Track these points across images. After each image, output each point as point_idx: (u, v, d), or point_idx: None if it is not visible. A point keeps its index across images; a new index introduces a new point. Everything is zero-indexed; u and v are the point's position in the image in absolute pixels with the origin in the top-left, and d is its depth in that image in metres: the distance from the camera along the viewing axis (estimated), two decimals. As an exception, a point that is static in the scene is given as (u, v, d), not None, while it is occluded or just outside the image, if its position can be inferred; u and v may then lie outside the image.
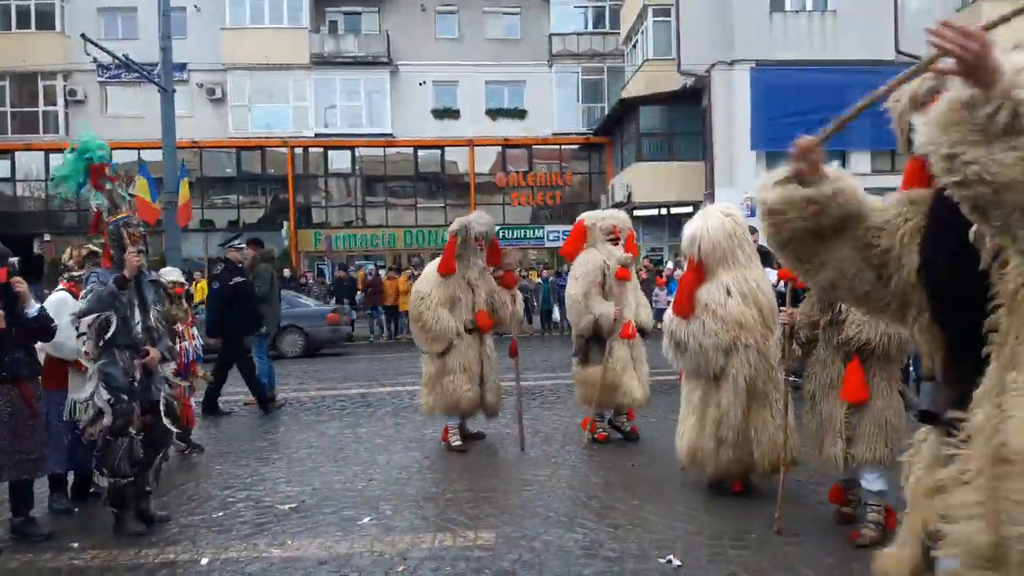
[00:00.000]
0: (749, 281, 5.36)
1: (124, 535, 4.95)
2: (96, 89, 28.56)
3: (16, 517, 4.95)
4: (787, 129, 24.70)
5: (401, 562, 4.35)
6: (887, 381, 4.56)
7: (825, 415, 4.66)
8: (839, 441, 4.56)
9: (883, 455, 4.50)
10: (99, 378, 4.92)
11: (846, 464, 4.55)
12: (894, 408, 4.56)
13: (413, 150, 29.57)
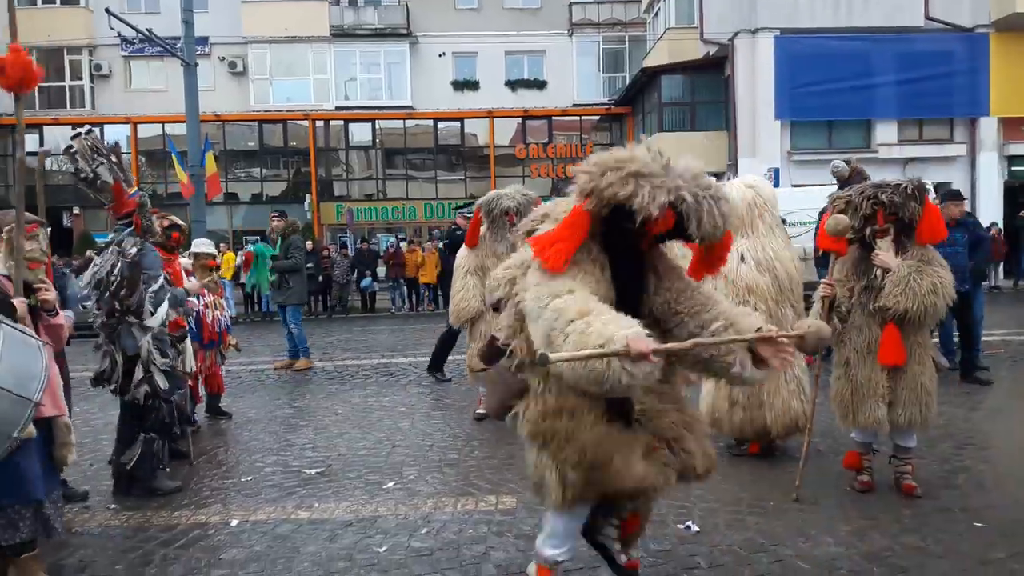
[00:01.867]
0: (766, 249, 5.43)
1: (160, 493, 5.15)
2: (120, 63, 28.75)
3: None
4: (812, 98, 24.58)
5: (425, 524, 4.47)
6: (921, 346, 4.67)
7: (862, 380, 4.73)
8: (881, 405, 4.66)
9: (917, 418, 4.64)
10: (152, 345, 5.15)
11: (890, 427, 4.69)
12: (928, 372, 4.67)
13: (433, 122, 29.50)
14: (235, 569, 3.93)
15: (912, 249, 4.62)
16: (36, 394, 3.29)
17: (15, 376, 3.21)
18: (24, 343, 3.38)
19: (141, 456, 5.17)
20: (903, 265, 4.56)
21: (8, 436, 3.20)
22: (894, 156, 22.14)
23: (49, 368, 3.44)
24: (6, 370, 3.15)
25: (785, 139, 22.82)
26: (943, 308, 4.52)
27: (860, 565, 3.76)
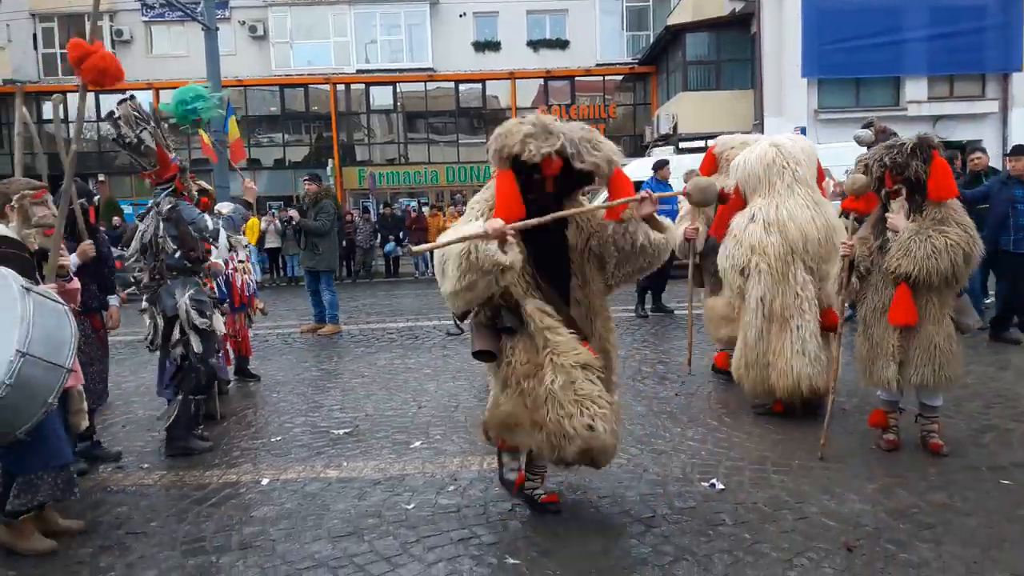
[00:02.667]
0: (780, 208, 5.46)
1: (194, 453, 5.27)
2: (141, 29, 28.74)
3: (82, 442, 5.24)
4: (840, 55, 24.02)
5: (452, 483, 4.53)
6: (938, 306, 4.59)
7: (876, 339, 4.75)
8: (891, 364, 4.66)
9: (929, 378, 4.60)
10: (191, 306, 5.26)
11: (899, 386, 4.70)
12: (944, 333, 4.60)
13: (454, 84, 29.29)
14: (266, 526, 4.02)
15: (928, 208, 4.55)
16: (68, 360, 3.36)
17: (47, 344, 3.26)
18: (54, 310, 3.44)
19: (177, 417, 5.29)
20: (909, 227, 4.53)
21: (44, 402, 3.27)
22: (923, 114, 21.64)
23: (76, 332, 3.50)
24: (38, 338, 3.20)
25: (812, 97, 22.39)
26: (949, 269, 4.43)
27: (885, 522, 3.77)
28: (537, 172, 3.69)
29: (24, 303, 3.20)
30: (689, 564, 3.42)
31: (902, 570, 3.30)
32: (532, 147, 3.57)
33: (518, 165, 3.67)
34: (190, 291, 5.30)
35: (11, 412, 3.14)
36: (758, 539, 3.64)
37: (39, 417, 3.29)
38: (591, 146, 3.67)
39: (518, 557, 3.54)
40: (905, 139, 4.66)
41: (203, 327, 5.29)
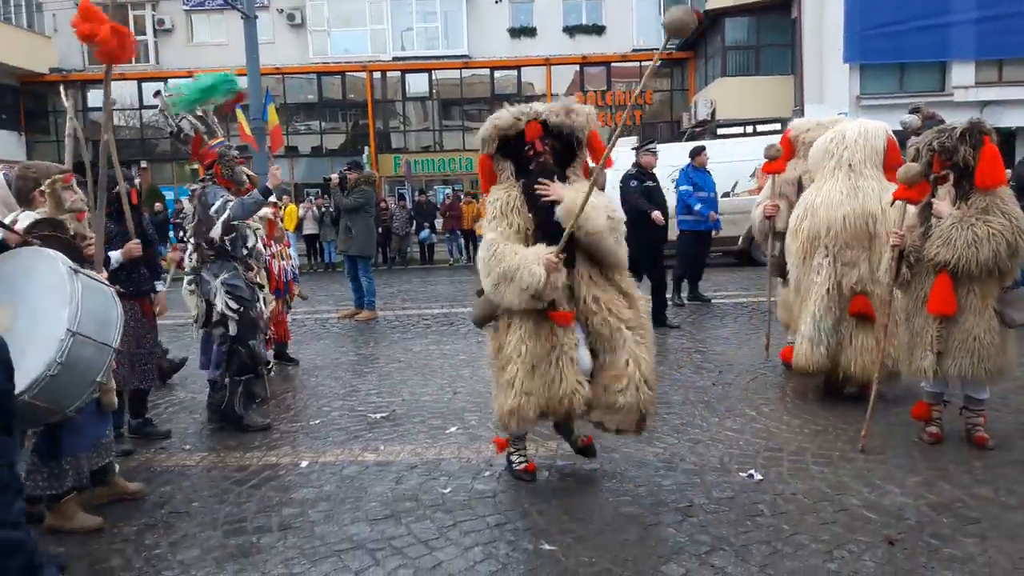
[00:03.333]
0: (817, 194, 5.56)
1: (251, 431, 5.42)
2: (183, 18, 29.12)
3: (135, 419, 5.38)
4: (883, 39, 23.57)
5: (487, 468, 4.55)
6: (979, 297, 4.47)
7: (917, 328, 4.67)
8: (929, 354, 4.57)
9: (968, 370, 4.50)
10: (224, 290, 5.37)
11: (935, 376, 4.61)
12: (986, 325, 4.48)
13: (489, 71, 29.23)
14: (305, 508, 4.07)
15: (974, 196, 4.44)
16: (114, 340, 3.42)
17: (95, 323, 3.33)
18: (101, 292, 3.50)
19: (229, 397, 5.45)
20: (952, 214, 4.43)
21: (92, 381, 3.34)
22: (970, 99, 21.10)
23: (122, 313, 3.56)
24: (87, 318, 3.26)
25: (854, 83, 21.96)
26: (991, 259, 4.32)
27: (928, 515, 3.70)
28: (526, 145, 4.14)
29: (73, 283, 3.26)
30: (726, 554, 3.40)
31: (946, 565, 3.24)
32: (503, 118, 4.15)
33: (511, 148, 4.21)
34: (224, 275, 5.40)
35: (61, 390, 3.20)
36: (797, 530, 3.60)
37: (88, 396, 3.36)
38: (563, 112, 4.14)
39: (554, 543, 3.55)
40: (956, 123, 4.55)
41: (229, 313, 5.35)
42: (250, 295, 5.51)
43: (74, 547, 3.72)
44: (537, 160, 4.13)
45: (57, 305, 3.20)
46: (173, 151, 29.38)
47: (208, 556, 3.56)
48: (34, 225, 3.78)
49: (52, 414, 3.29)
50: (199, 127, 5.43)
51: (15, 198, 4.14)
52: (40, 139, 28.76)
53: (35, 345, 3.15)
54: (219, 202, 5.36)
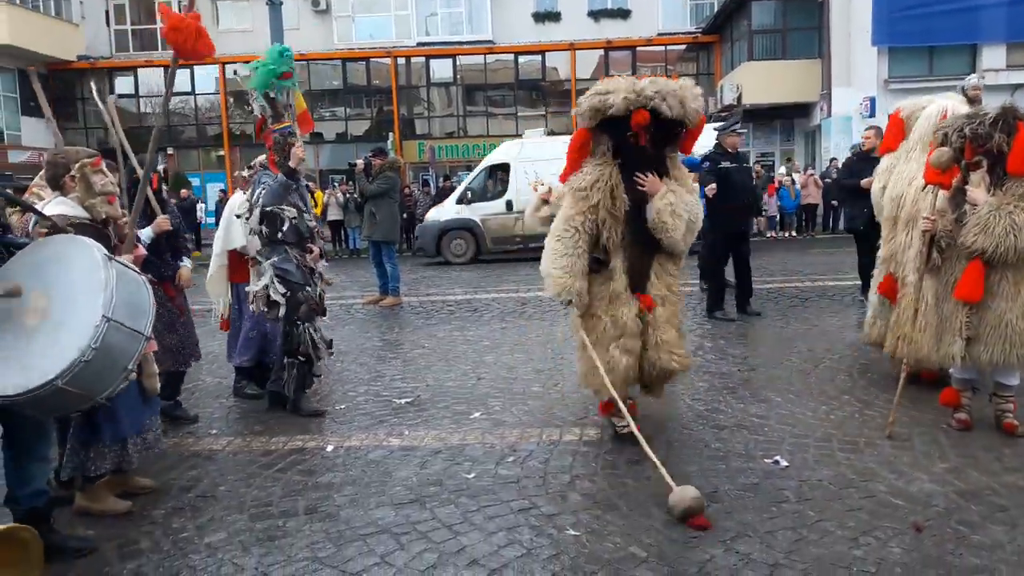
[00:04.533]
0: (900, 174, 5.68)
1: (303, 415, 5.49)
2: (208, 4, 29.21)
3: (166, 401, 5.46)
4: (912, 22, 23.15)
5: (511, 453, 4.56)
6: (1012, 283, 4.39)
7: (946, 313, 4.61)
8: (958, 340, 4.52)
9: (999, 357, 4.43)
10: (273, 273, 5.41)
11: (963, 362, 4.55)
12: (1019, 311, 4.39)
13: (513, 57, 29.08)
14: (331, 492, 4.11)
15: (1009, 182, 4.34)
16: (147, 328, 3.45)
17: (129, 310, 3.35)
18: (134, 280, 3.53)
19: (286, 379, 5.53)
20: (989, 202, 4.33)
21: (124, 368, 3.36)
22: (1001, 82, 20.63)
23: (154, 302, 3.59)
24: (121, 305, 3.29)
25: (882, 67, 21.60)
26: None
27: (957, 503, 3.66)
28: (629, 130, 4.09)
29: (107, 270, 3.29)
30: (751, 540, 3.39)
31: (974, 552, 3.21)
32: (613, 99, 4.02)
33: (611, 127, 4.16)
34: (274, 258, 5.44)
35: (94, 377, 3.23)
36: (823, 517, 3.58)
37: (119, 384, 3.38)
38: (677, 94, 4.04)
39: (578, 528, 3.56)
40: (988, 109, 4.45)
41: (276, 297, 5.40)
42: (301, 278, 5.49)
43: (103, 530, 3.78)
44: (637, 145, 4.18)
45: (91, 291, 3.23)
46: (200, 137, 29.63)
47: (235, 539, 3.61)
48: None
49: (84, 400, 3.33)
50: (266, 110, 5.45)
51: (49, 184, 4.19)
52: (69, 126, 29.03)
53: (69, 331, 3.18)
54: (257, 190, 5.45)
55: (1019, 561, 3.13)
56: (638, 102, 4.02)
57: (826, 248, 16.53)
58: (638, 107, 4.01)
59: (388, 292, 10.75)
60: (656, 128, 4.14)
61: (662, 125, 4.14)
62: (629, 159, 4.23)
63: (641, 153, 4.18)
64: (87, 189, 3.97)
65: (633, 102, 4.02)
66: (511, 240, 16.53)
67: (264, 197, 5.38)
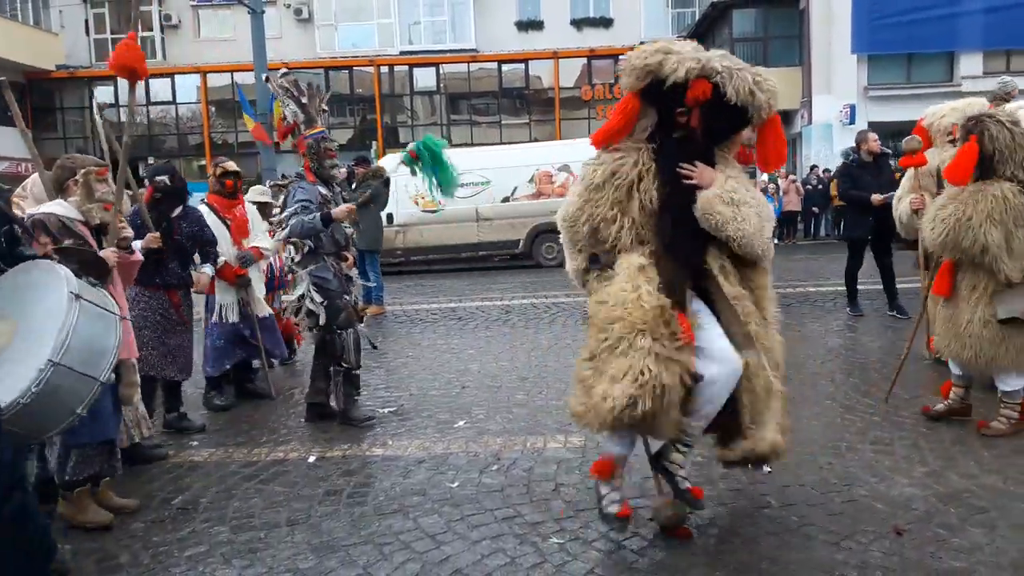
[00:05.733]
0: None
1: (353, 424, 5.41)
2: (189, 13, 29.15)
3: (170, 414, 5.43)
4: (891, 30, 23.46)
5: (495, 462, 4.56)
6: (969, 286, 4.57)
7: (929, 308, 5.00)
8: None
9: (949, 352, 4.71)
10: (310, 282, 5.34)
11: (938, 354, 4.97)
12: (972, 314, 4.52)
13: (497, 65, 29.16)
14: (313, 503, 4.09)
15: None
16: (104, 374, 3.32)
17: (85, 354, 3.24)
18: (100, 317, 3.40)
19: (333, 389, 5.50)
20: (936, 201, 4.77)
21: (71, 412, 3.26)
22: (978, 89, 20.83)
23: (121, 342, 3.49)
24: (75, 348, 3.20)
25: (862, 74, 21.85)
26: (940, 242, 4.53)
27: (936, 506, 3.69)
28: (681, 104, 3.24)
29: (69, 311, 3.21)
30: (735, 545, 3.40)
31: (953, 555, 3.23)
32: (674, 61, 3.15)
33: (660, 98, 3.25)
34: (311, 267, 5.36)
35: (35, 419, 3.14)
36: (805, 522, 3.59)
37: (67, 424, 3.30)
38: (749, 75, 3.17)
39: (562, 536, 3.55)
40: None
41: (311, 307, 5.32)
42: (338, 286, 5.41)
43: (82, 542, 3.74)
44: (685, 128, 3.31)
45: (50, 332, 3.16)
46: (180, 147, 29.48)
47: (216, 552, 3.58)
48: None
49: (24, 439, 3.25)
50: (298, 115, 5.39)
51: (53, 186, 4.23)
52: (47, 136, 28.82)
53: (21, 368, 3.10)
54: (287, 212, 5.29)
55: (998, 563, 3.15)
56: (702, 72, 3.15)
57: (809, 254, 16.66)
58: (700, 77, 3.16)
59: (372, 301, 10.71)
60: (712, 113, 3.27)
61: (720, 112, 3.25)
62: (669, 145, 3.33)
63: (687, 140, 3.32)
64: (87, 195, 4.02)
65: (695, 71, 3.14)
66: (392, 253, 15.80)
67: (292, 228, 5.20)
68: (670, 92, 3.20)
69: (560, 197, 16.13)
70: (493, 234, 16.48)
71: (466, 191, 14.48)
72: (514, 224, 16.06)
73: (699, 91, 3.15)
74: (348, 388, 5.50)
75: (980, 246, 4.35)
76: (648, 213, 3.25)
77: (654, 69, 3.18)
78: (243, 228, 6.25)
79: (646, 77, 3.21)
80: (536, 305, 10.62)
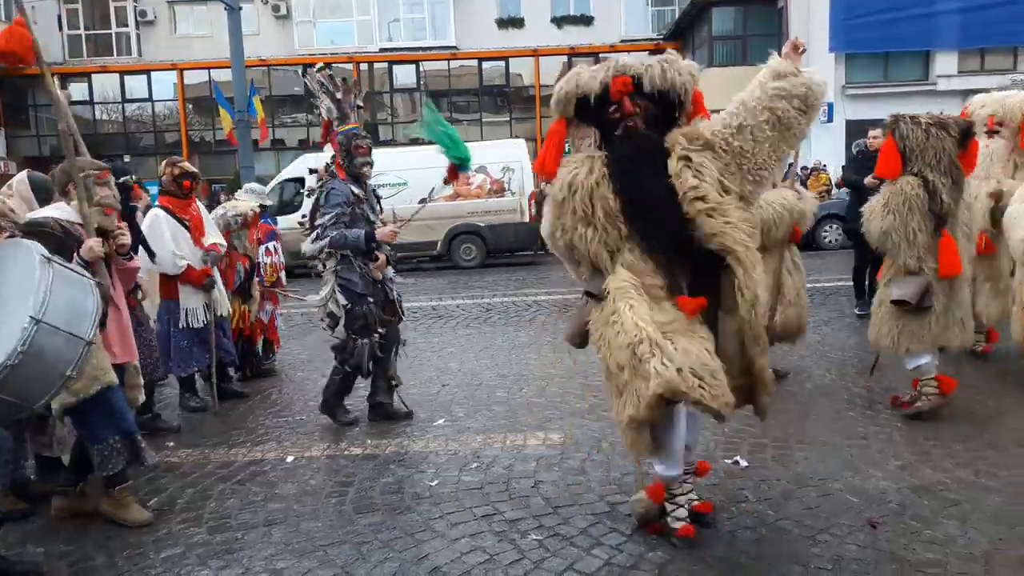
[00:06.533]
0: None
1: (339, 423, 5.39)
2: (165, 9, 28.84)
3: (143, 415, 5.37)
4: (868, 29, 23.65)
5: (475, 460, 4.55)
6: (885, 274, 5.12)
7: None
8: None
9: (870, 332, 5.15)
10: (335, 283, 5.23)
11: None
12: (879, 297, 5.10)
13: (477, 62, 29.11)
14: (291, 503, 4.07)
15: None
16: (88, 332, 3.31)
17: (66, 314, 3.21)
18: (76, 280, 3.38)
19: (329, 384, 5.45)
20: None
21: (61, 375, 3.22)
22: (953, 88, 21.16)
23: (100, 306, 3.46)
24: (57, 307, 3.16)
25: (839, 72, 22.00)
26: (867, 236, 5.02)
27: (910, 498, 3.73)
28: (612, 105, 3.32)
29: (43, 271, 3.17)
30: (712, 539, 3.41)
31: (926, 547, 3.27)
32: (587, 77, 3.34)
33: (592, 113, 3.39)
34: (338, 265, 5.24)
35: (25, 383, 3.08)
36: (781, 516, 3.62)
37: (57, 391, 3.25)
38: (667, 64, 3.32)
39: (541, 533, 3.56)
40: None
41: (333, 308, 5.24)
42: (364, 288, 5.25)
43: (55, 545, 3.71)
44: (625, 124, 3.32)
45: (26, 293, 3.11)
46: (157, 145, 29.19)
47: (192, 553, 3.55)
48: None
49: (18, 409, 3.20)
50: (332, 111, 5.30)
51: (56, 189, 4.20)
52: (20, 134, 28.47)
53: (3, 330, 3.05)
54: (326, 219, 5.15)
55: (970, 555, 3.20)
56: (616, 71, 3.33)
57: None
58: (616, 74, 3.32)
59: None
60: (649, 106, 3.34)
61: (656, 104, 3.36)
62: (617, 143, 3.35)
63: (632, 132, 3.32)
64: (87, 197, 3.95)
65: (610, 72, 3.33)
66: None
67: (332, 240, 5.12)
68: (599, 103, 3.34)
69: (477, 199, 16.26)
70: (411, 235, 16.28)
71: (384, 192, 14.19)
72: (432, 226, 15.65)
73: (619, 84, 3.29)
74: (342, 388, 5.45)
75: (878, 233, 4.86)
76: (612, 217, 3.23)
77: (573, 92, 3.36)
78: (201, 227, 5.99)
79: (570, 101, 3.39)
80: (516, 303, 10.63)
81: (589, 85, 3.32)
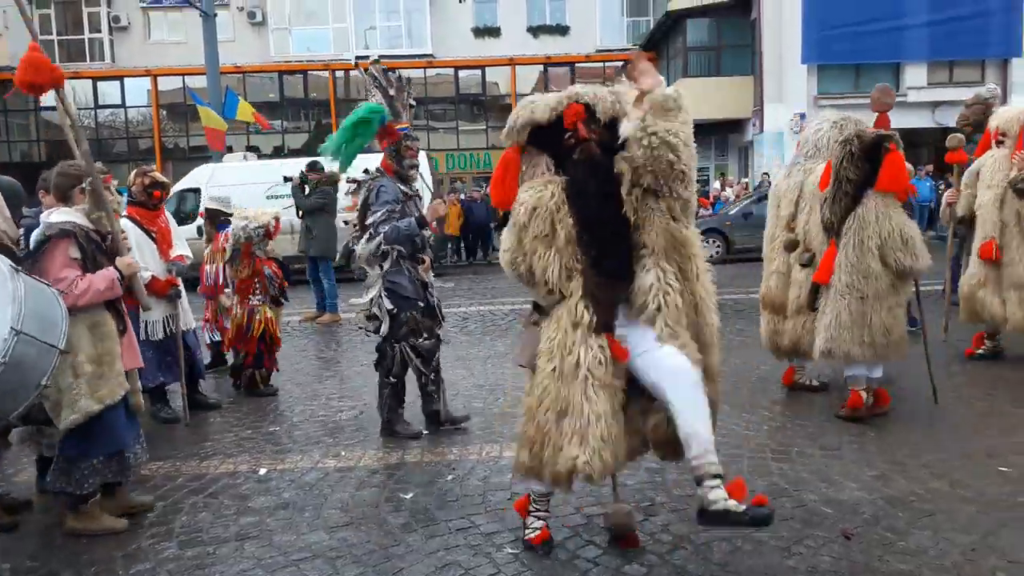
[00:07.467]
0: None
1: (396, 436, 5.23)
2: (139, 15, 28.58)
3: None
4: (840, 41, 23.98)
5: (450, 471, 4.53)
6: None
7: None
8: None
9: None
10: (383, 286, 5.12)
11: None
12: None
13: (454, 71, 29.14)
14: (263, 516, 4.01)
15: None
16: (60, 341, 3.28)
17: (39, 323, 3.19)
18: (43, 291, 3.36)
19: (381, 403, 5.34)
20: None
21: (37, 384, 3.19)
22: (923, 100, 21.52)
23: (67, 315, 3.42)
24: (31, 317, 3.13)
25: (812, 83, 22.29)
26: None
27: (884, 509, 3.76)
28: (566, 132, 3.37)
29: (15, 282, 3.13)
30: (687, 552, 3.42)
31: (900, 558, 3.29)
32: (542, 105, 3.38)
33: (546, 139, 3.44)
34: (387, 267, 5.12)
35: (4, 393, 3.06)
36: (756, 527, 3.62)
37: (32, 400, 3.22)
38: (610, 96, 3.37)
39: (516, 546, 3.54)
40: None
41: (377, 312, 5.13)
42: (413, 292, 5.14)
43: (22, 560, 3.62)
44: (579, 148, 3.35)
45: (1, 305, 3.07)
46: (130, 151, 28.87)
47: (162, 569, 3.49)
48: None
49: None
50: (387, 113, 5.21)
51: (55, 194, 4.08)
52: (-10, 140, 28.05)
53: None
54: (378, 215, 5.02)
55: (942, 565, 3.22)
56: (570, 98, 3.39)
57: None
58: (570, 103, 3.37)
59: (326, 309, 10.59)
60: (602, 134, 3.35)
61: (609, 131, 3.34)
62: (573, 166, 3.36)
63: (588, 157, 3.33)
64: (97, 202, 3.90)
65: (564, 101, 3.38)
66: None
67: (387, 235, 4.98)
68: (552, 131, 3.39)
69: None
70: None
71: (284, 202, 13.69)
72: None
73: (572, 113, 3.34)
74: (394, 402, 5.32)
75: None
76: (571, 241, 3.27)
77: (527, 119, 3.40)
78: (168, 239, 5.86)
79: (524, 128, 3.42)
80: (493, 312, 10.61)
81: (545, 111, 3.38)
